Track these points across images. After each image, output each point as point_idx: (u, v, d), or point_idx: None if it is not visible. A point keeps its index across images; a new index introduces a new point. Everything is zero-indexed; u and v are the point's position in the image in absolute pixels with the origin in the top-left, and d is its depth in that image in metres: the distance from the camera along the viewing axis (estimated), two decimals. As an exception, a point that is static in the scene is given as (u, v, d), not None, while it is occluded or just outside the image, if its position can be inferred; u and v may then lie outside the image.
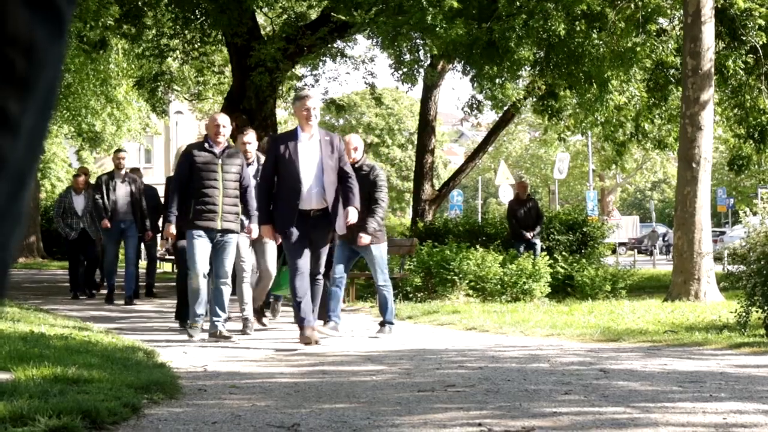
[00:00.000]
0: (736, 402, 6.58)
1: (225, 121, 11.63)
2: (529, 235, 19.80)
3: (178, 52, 25.57)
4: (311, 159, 10.44)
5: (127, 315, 15.17)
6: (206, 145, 11.57)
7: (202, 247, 11.36)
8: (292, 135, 10.68)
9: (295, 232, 10.40)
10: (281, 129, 29.63)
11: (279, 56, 21.13)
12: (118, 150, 17.26)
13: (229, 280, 11.67)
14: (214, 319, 11.49)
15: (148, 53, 24.94)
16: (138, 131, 41.19)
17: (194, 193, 11.38)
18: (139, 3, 20.63)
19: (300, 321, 10.45)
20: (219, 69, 28.16)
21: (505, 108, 24.98)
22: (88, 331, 11.30)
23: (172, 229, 11.55)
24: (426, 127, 28.76)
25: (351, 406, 6.62)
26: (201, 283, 11.36)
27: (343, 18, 18.69)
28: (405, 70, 24.02)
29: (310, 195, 10.41)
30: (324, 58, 28.05)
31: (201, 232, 11.39)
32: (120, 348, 9.62)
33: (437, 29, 17.94)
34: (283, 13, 23.11)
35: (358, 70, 46.79)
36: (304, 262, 10.49)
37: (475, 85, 22.38)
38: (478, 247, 17.83)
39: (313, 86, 27.96)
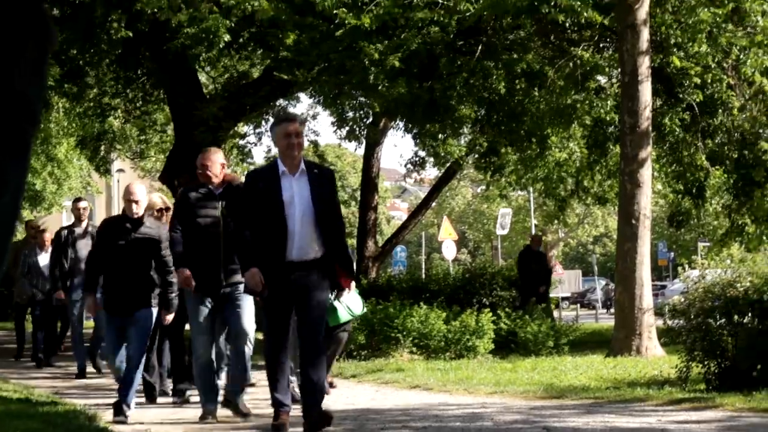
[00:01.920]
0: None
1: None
2: (542, 288, 19.92)
3: (119, 111, 25.55)
4: (299, 198, 8.43)
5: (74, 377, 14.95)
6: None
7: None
8: (272, 170, 8.73)
9: (276, 292, 8.46)
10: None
11: (221, 115, 21.13)
12: (78, 199, 15.71)
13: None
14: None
15: (90, 112, 24.90)
16: (79, 189, 40.92)
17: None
18: (81, 62, 20.58)
19: (276, 404, 8.60)
20: (161, 128, 28.13)
21: (448, 164, 25.15)
22: (30, 395, 11.19)
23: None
24: (369, 183, 28.84)
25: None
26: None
27: (286, 77, 18.76)
28: (348, 128, 24.21)
29: (299, 243, 8.42)
30: (267, 117, 28.12)
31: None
32: (61, 413, 9.47)
33: (379, 88, 18.08)
34: (225, 72, 23.20)
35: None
36: (286, 331, 8.64)
37: (418, 141, 22.58)
38: (421, 303, 17.85)
39: (255, 144, 28.03)
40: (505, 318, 18.51)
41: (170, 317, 10.33)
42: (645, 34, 15.98)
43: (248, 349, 9.65)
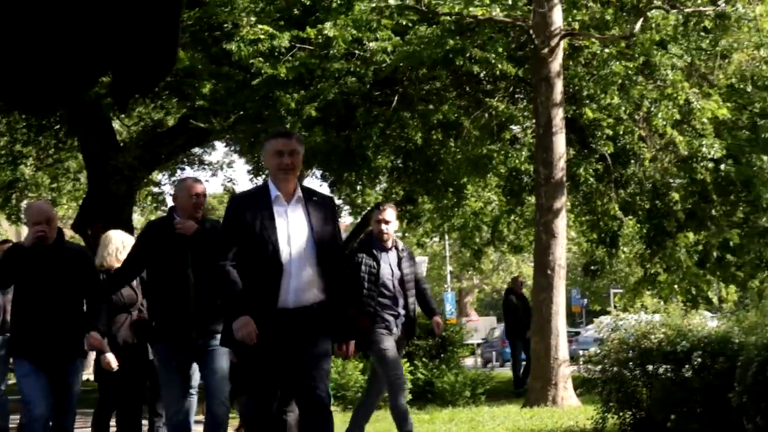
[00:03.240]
0: None
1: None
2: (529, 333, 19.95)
3: (31, 158, 25.24)
4: (296, 231, 6.86)
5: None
6: None
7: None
8: (263, 196, 6.99)
9: (266, 345, 6.75)
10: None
11: (136, 164, 21.01)
12: (4, 241, 13.73)
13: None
14: None
15: (2, 160, 24.56)
16: (-11, 237, 40.16)
17: None
18: (-9, 109, 20.30)
19: None
20: (74, 175, 27.82)
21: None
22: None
23: None
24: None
25: None
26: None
27: (202, 125, 18.69)
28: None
29: (297, 285, 6.82)
30: (182, 165, 28.06)
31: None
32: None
33: (295, 137, 18.05)
34: (140, 121, 23.06)
35: (216, 176, 46.91)
36: (275, 393, 7.02)
37: (335, 190, 22.58)
38: (338, 353, 17.72)
39: (171, 194, 27.79)
40: (422, 368, 18.49)
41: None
42: (559, 86, 16.15)
43: (223, 412, 8.39)
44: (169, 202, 30.97)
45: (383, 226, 9.83)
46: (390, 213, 9.93)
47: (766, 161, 21.04)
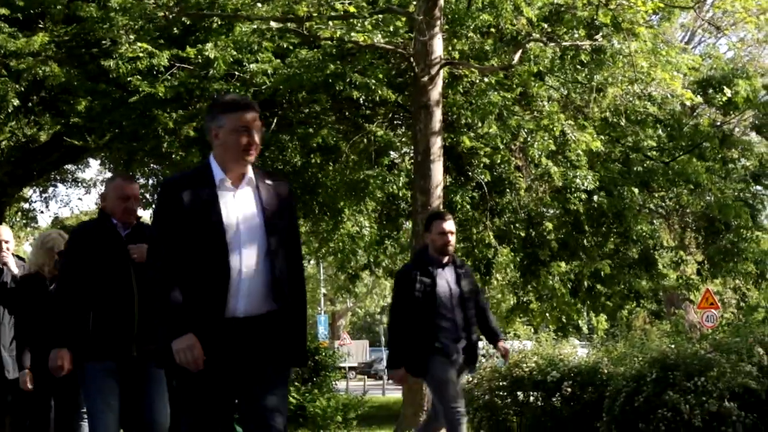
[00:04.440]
0: None
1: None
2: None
3: None
4: (246, 221, 5.32)
5: None
6: None
7: None
8: (205, 177, 5.39)
9: (210, 365, 5.15)
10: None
11: (6, 180, 20.72)
12: None
13: None
14: None
15: None
16: None
17: None
18: None
19: None
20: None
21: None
22: None
23: None
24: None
25: None
26: None
27: (76, 143, 18.47)
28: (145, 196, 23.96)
29: (247, 288, 5.24)
30: (54, 183, 27.68)
31: None
32: None
33: (173, 156, 17.98)
34: (11, 136, 22.62)
35: (89, 194, 46.40)
36: (218, 426, 5.29)
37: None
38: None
39: (42, 212, 27.43)
40: (294, 392, 18.45)
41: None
42: (438, 114, 16.26)
43: None
44: (41, 220, 30.65)
45: (449, 237, 8.68)
46: (452, 223, 8.90)
47: (638, 194, 21.53)
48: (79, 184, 29.19)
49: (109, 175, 30.12)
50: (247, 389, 5.14)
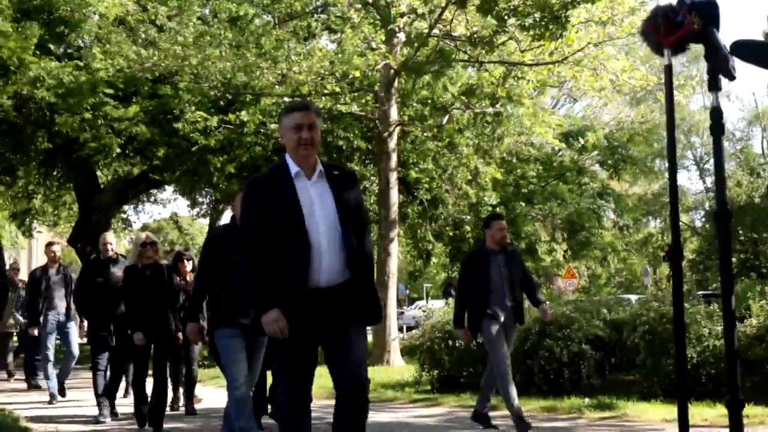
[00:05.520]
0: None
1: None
2: None
3: (40, 194, 24.44)
4: (322, 206, 4.33)
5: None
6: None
7: None
8: (282, 172, 4.40)
9: (298, 331, 4.18)
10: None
11: (112, 201, 20.59)
12: (50, 243, 11.36)
13: None
14: None
15: (21, 194, 23.80)
16: (8, 246, 38.56)
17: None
18: (14, 162, 19.46)
19: None
20: (69, 206, 26.91)
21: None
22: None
23: None
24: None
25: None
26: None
27: (157, 177, 18.38)
28: (198, 208, 23.85)
29: (327, 263, 4.25)
30: (143, 202, 27.53)
31: None
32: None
33: (220, 186, 17.89)
34: (115, 173, 22.46)
35: (165, 207, 46.55)
36: (310, 383, 4.28)
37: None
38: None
39: (135, 222, 27.21)
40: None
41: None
42: (394, 157, 16.25)
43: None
44: (134, 226, 30.47)
45: (504, 233, 8.02)
46: (505, 222, 8.24)
47: (524, 206, 21.58)
48: (158, 203, 29.15)
49: (178, 197, 30.00)
50: (332, 346, 4.24)
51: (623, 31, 14.99)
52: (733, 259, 36.57)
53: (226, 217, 26.59)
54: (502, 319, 7.68)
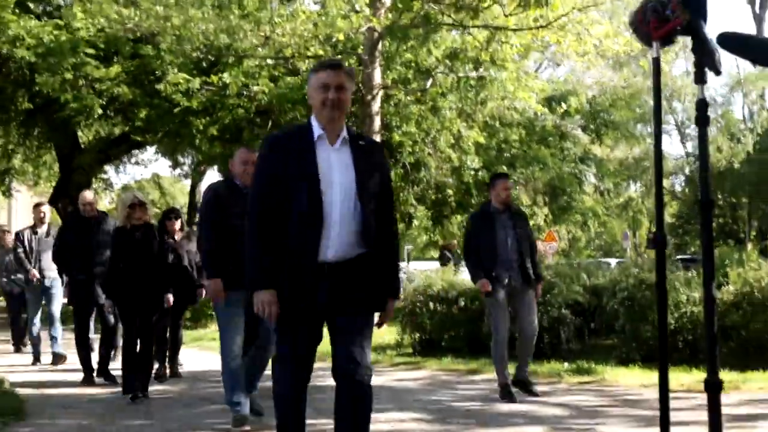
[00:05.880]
0: (398, 412, 6.71)
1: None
2: None
3: (20, 154, 24.30)
4: (341, 175, 3.93)
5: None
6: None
7: None
8: (304, 135, 3.98)
9: (301, 306, 3.86)
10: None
11: (93, 161, 20.46)
12: (39, 204, 11.28)
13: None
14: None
15: (0, 154, 23.64)
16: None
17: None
18: (-5, 121, 19.34)
19: None
20: (49, 167, 26.78)
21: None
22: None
23: None
24: (194, 206, 28.45)
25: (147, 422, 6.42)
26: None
27: (139, 138, 18.28)
28: (179, 169, 23.75)
29: (338, 236, 3.87)
30: (125, 162, 27.38)
31: None
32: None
33: (202, 148, 17.83)
34: (96, 134, 22.29)
35: (146, 168, 46.39)
36: (311, 362, 3.98)
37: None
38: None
39: (116, 184, 27.12)
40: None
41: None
42: (377, 120, 16.21)
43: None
44: (115, 187, 30.35)
45: (509, 192, 7.80)
46: (510, 182, 7.95)
47: (506, 169, 21.63)
48: (140, 163, 29.07)
49: (159, 157, 29.90)
50: (336, 326, 3.88)
51: (608, -3, 14.98)
52: (713, 224, 36.94)
53: (209, 178, 26.59)
54: (506, 281, 7.46)
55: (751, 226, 38.26)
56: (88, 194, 9.53)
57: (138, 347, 7.60)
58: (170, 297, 7.87)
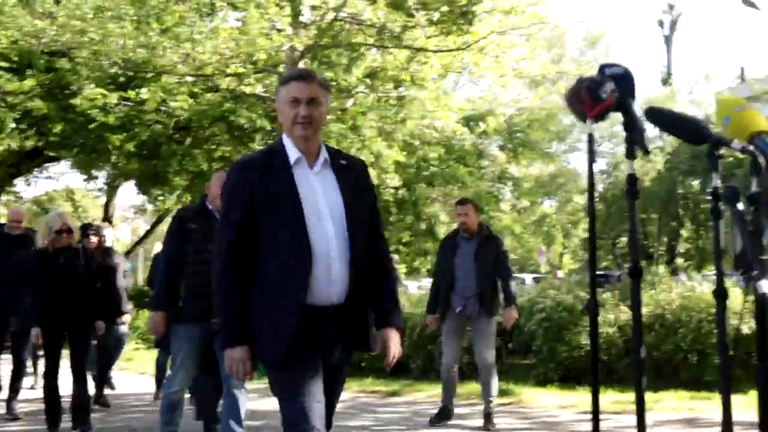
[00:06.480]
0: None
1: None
2: None
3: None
4: (327, 204, 3.27)
5: None
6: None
7: None
8: (278, 159, 3.30)
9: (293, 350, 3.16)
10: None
11: (4, 174, 19.93)
12: None
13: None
14: None
15: None
16: None
17: None
18: None
19: None
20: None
21: (161, 215, 24.50)
22: None
23: None
24: (107, 218, 27.99)
25: None
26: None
27: (53, 153, 17.88)
28: (93, 184, 23.34)
29: (329, 275, 3.19)
30: (36, 178, 26.75)
31: None
32: None
33: (119, 164, 17.58)
34: (8, 147, 21.64)
35: (58, 182, 45.64)
36: (318, 411, 3.13)
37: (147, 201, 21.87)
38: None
39: (22, 197, 26.41)
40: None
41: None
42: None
43: None
44: (26, 201, 29.51)
45: (464, 218, 7.59)
46: (468, 207, 7.64)
47: (425, 189, 21.89)
48: (52, 177, 28.48)
49: (74, 171, 29.26)
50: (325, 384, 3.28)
51: (525, 21, 15.33)
52: (623, 239, 38.06)
53: (123, 191, 26.06)
54: (460, 309, 7.36)
55: (661, 241, 39.55)
56: (19, 211, 9.00)
57: (73, 385, 7.15)
58: (101, 324, 7.57)
